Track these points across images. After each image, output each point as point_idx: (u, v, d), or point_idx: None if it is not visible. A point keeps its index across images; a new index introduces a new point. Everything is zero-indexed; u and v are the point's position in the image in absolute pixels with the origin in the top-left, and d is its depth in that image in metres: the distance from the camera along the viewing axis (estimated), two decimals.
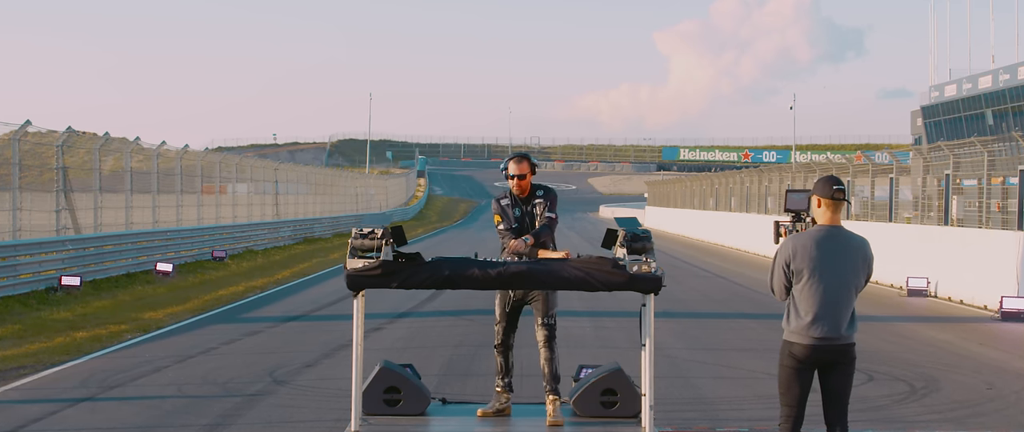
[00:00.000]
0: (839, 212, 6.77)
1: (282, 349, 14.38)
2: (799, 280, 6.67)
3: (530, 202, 8.33)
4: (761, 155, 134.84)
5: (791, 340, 6.70)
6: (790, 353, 6.69)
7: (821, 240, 6.69)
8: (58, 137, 22.56)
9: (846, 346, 6.68)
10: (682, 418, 10.01)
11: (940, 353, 14.82)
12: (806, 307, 6.64)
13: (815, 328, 6.62)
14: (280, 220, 42.61)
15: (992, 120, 58.40)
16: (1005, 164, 22.65)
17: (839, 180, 6.80)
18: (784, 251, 6.75)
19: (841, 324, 6.64)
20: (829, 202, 6.73)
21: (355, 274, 7.09)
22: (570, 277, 7.12)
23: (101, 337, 15.15)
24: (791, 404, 6.73)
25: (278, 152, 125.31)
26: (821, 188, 6.77)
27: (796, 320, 6.68)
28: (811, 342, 6.63)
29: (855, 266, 6.70)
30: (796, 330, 6.68)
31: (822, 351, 6.63)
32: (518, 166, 8.26)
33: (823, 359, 6.66)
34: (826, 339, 6.63)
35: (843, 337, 6.66)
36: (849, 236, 6.76)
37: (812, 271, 6.63)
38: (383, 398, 7.95)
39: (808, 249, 6.66)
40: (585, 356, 12.41)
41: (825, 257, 6.64)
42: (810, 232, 6.77)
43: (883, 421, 10.19)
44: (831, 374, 6.70)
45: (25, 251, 20.18)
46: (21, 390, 11.36)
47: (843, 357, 6.68)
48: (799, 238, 6.73)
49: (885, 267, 25.98)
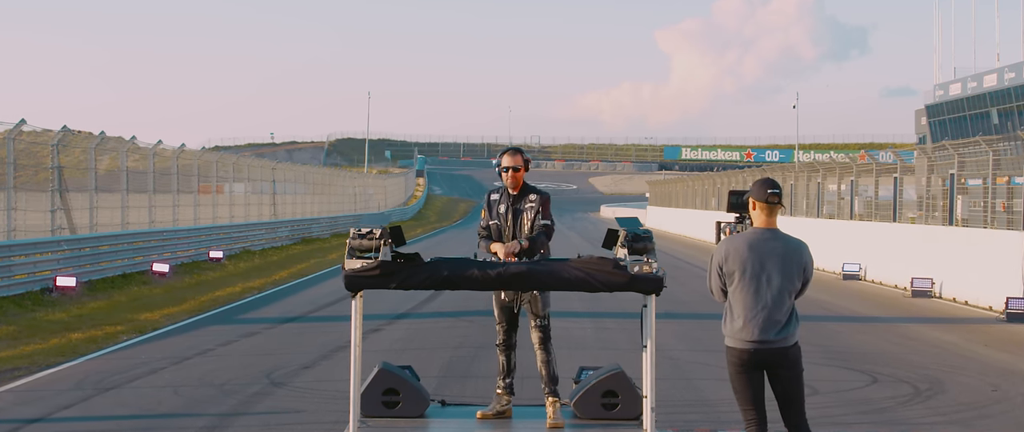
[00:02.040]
0: (774, 215, 6.77)
1: (280, 350, 14.32)
2: (731, 283, 6.69)
3: (521, 202, 8.19)
4: (764, 154, 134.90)
5: (729, 344, 6.74)
6: (729, 359, 6.73)
7: (754, 243, 6.69)
8: (53, 136, 22.48)
9: (783, 349, 6.64)
10: (684, 420, 9.95)
11: (945, 354, 14.75)
12: (739, 310, 6.66)
13: (748, 332, 6.64)
14: (278, 220, 42.54)
15: (997, 119, 58.35)
16: (1010, 163, 22.61)
17: (775, 183, 6.80)
18: (718, 254, 6.78)
19: (774, 327, 6.61)
20: (763, 205, 6.75)
21: (353, 275, 7.03)
22: (571, 278, 7.06)
23: (97, 338, 15.10)
24: (746, 406, 6.75)
25: (276, 151, 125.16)
26: (756, 191, 6.79)
27: (731, 324, 6.72)
28: (746, 346, 6.65)
29: (788, 269, 6.66)
30: (731, 334, 6.72)
31: (759, 354, 6.64)
32: (511, 158, 8.17)
33: (764, 362, 6.66)
34: (760, 342, 6.63)
35: (778, 340, 6.63)
36: (784, 239, 6.74)
37: (743, 274, 6.65)
38: (382, 400, 7.89)
39: (740, 252, 6.67)
40: (586, 357, 12.32)
41: (757, 260, 6.64)
42: (744, 235, 6.78)
43: (887, 423, 10.13)
44: (776, 377, 6.70)
45: (20, 251, 20.08)
46: (15, 392, 11.29)
47: (783, 359, 6.65)
48: (732, 241, 6.75)
49: (889, 268, 26.04)
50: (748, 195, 6.86)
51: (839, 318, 18.38)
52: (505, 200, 8.21)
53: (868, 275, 27.52)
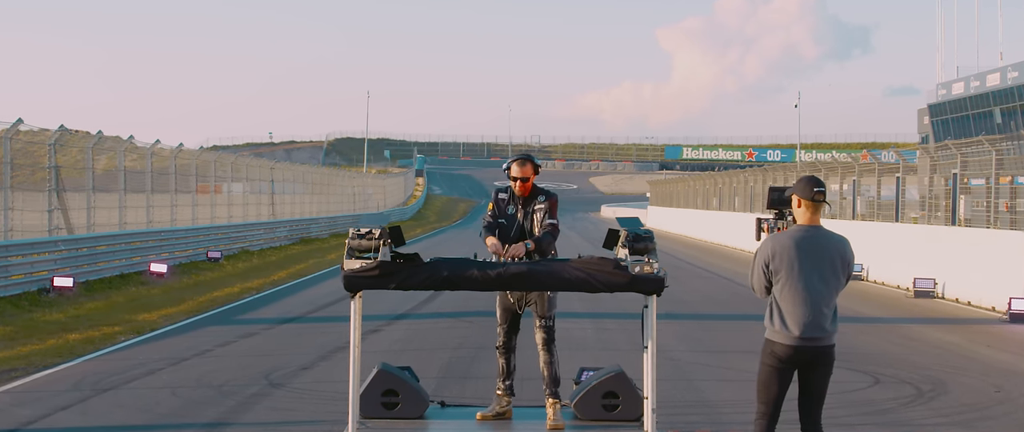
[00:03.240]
0: (818, 213, 6.86)
1: (278, 351, 14.29)
2: (778, 280, 6.75)
3: (530, 204, 8.18)
4: (765, 154, 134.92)
5: (773, 340, 6.78)
6: (772, 352, 6.77)
7: (800, 240, 6.76)
8: (50, 136, 22.42)
9: (827, 347, 6.76)
10: (685, 421, 9.91)
11: (947, 355, 14.72)
12: (787, 307, 6.72)
13: (796, 328, 6.70)
14: (276, 220, 42.50)
15: (1000, 118, 58.28)
16: (1014, 163, 22.61)
17: (820, 181, 6.88)
18: (764, 251, 6.83)
19: (822, 324, 6.72)
20: (809, 203, 6.82)
21: (352, 275, 7.00)
22: (571, 278, 7.04)
23: (94, 339, 15.05)
24: (767, 402, 6.78)
25: (274, 151, 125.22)
26: (801, 189, 6.85)
27: (778, 320, 6.75)
28: (793, 342, 6.71)
29: (834, 266, 6.77)
30: (777, 330, 6.75)
31: (803, 352, 6.71)
32: (521, 169, 8.14)
33: (804, 359, 6.73)
34: (807, 339, 6.70)
35: (824, 338, 6.74)
36: (828, 236, 6.83)
37: (790, 271, 6.71)
38: (381, 401, 7.88)
39: (787, 249, 6.74)
40: (586, 358, 12.29)
41: (804, 257, 6.71)
42: (789, 232, 6.86)
43: (889, 424, 10.12)
44: (811, 374, 6.78)
45: (17, 252, 20.02)
46: (12, 393, 11.25)
47: (824, 357, 6.76)
48: (778, 238, 6.82)
49: (891, 268, 25.97)
50: (790, 191, 6.94)
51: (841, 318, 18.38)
52: (514, 201, 8.20)
53: (870, 275, 27.48)
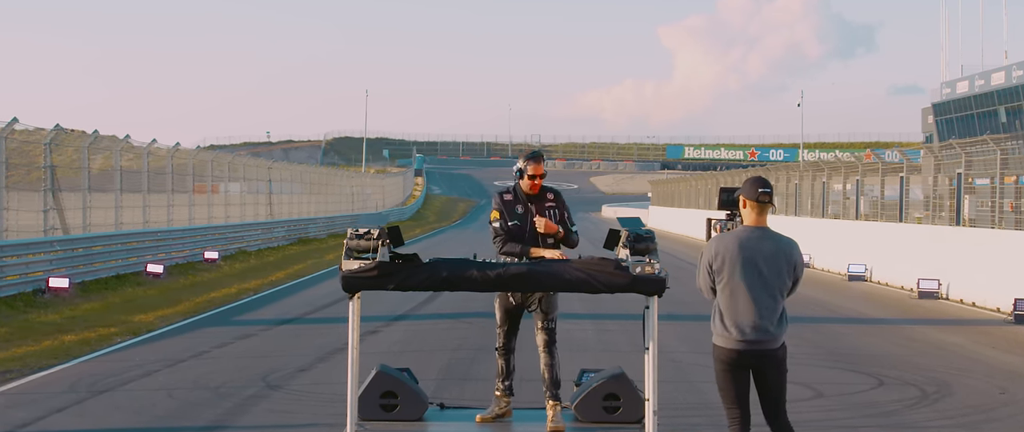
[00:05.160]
0: (765, 214, 6.78)
1: (276, 353, 14.25)
2: (721, 281, 6.67)
3: (540, 202, 8.17)
4: (768, 153, 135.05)
5: (716, 343, 6.72)
6: (717, 357, 6.71)
7: (744, 241, 6.69)
8: (46, 135, 22.36)
9: (771, 350, 6.64)
10: (686, 423, 9.89)
11: (951, 357, 14.68)
12: (728, 310, 6.64)
13: (737, 331, 6.61)
14: (274, 220, 42.47)
15: (1005, 117, 58.24)
16: (1018, 162, 22.60)
17: (767, 182, 6.82)
18: (708, 251, 6.78)
19: (764, 327, 6.60)
20: (754, 204, 6.76)
21: (351, 276, 6.95)
22: (572, 279, 6.98)
23: (90, 340, 15.00)
24: (731, 405, 6.73)
25: (272, 150, 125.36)
26: (747, 189, 6.79)
27: (718, 323, 6.69)
28: (735, 346, 6.63)
29: (779, 268, 6.66)
30: (719, 333, 6.69)
31: (747, 355, 6.63)
32: (536, 167, 8.16)
33: (750, 363, 6.65)
34: (751, 342, 6.61)
35: (768, 341, 6.63)
36: (775, 237, 6.75)
37: (733, 273, 6.63)
38: (379, 403, 7.85)
39: (730, 250, 6.67)
40: (587, 360, 12.19)
41: (747, 259, 6.63)
42: (734, 233, 6.79)
43: (893, 427, 10.08)
44: (761, 377, 6.70)
45: (11, 252, 19.95)
46: (7, 395, 11.19)
47: (770, 360, 6.65)
48: (722, 239, 6.75)
49: (895, 268, 25.92)
50: (739, 193, 6.85)
51: (844, 320, 18.42)
52: (521, 201, 8.17)
53: (874, 276, 27.44)
